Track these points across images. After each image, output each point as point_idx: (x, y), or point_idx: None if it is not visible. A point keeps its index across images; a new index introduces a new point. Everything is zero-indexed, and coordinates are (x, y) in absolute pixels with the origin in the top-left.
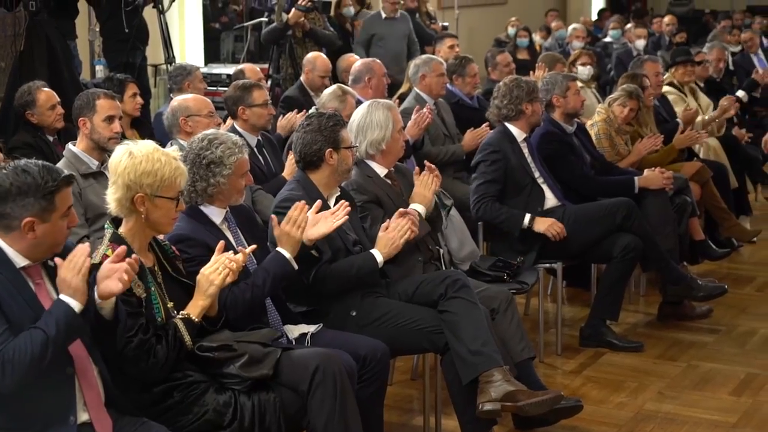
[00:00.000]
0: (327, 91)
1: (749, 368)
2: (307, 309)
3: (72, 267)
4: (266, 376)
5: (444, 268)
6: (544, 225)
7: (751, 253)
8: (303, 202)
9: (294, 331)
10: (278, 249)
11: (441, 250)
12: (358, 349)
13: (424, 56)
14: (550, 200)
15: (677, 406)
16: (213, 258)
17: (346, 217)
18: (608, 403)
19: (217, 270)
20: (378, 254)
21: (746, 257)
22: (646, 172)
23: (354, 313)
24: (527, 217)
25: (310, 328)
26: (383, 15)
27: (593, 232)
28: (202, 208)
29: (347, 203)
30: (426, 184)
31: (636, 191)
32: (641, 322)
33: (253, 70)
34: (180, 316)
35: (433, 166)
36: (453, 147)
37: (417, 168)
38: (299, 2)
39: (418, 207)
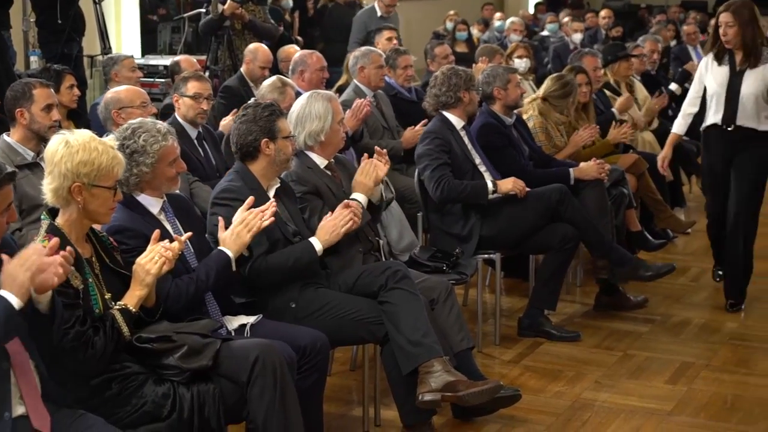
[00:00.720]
0: (266, 83)
1: (684, 357)
2: (247, 300)
3: (22, 263)
4: (206, 367)
5: (383, 259)
6: (508, 185)
7: (685, 243)
8: (251, 199)
9: (233, 322)
10: (222, 249)
11: (381, 241)
12: (297, 340)
13: (363, 48)
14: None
15: (614, 395)
16: (148, 247)
17: (272, 218)
18: (546, 392)
19: (153, 259)
20: (317, 243)
21: (681, 248)
22: (581, 164)
23: (293, 305)
24: (490, 183)
25: (250, 319)
26: (379, 13)
27: (529, 221)
28: (138, 198)
29: (275, 202)
30: (367, 173)
31: (572, 182)
32: (578, 312)
33: (189, 61)
34: (117, 307)
35: (383, 151)
36: (393, 142)
37: (365, 155)
38: None
39: (359, 197)
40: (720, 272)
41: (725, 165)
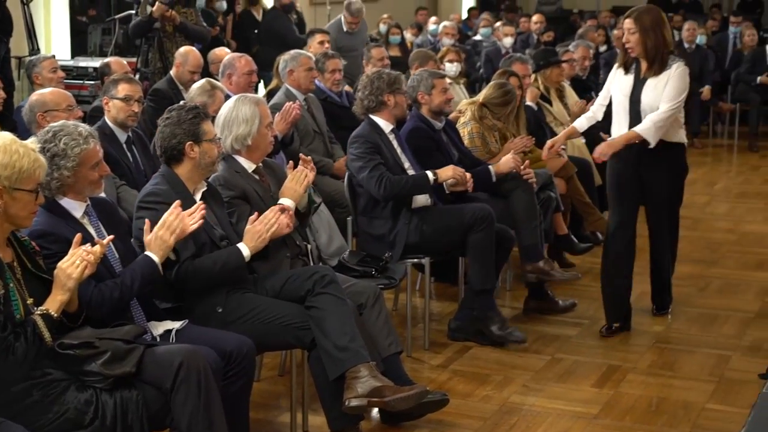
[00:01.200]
0: (195, 86)
1: (610, 360)
2: (173, 305)
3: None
4: (129, 373)
5: (312, 263)
6: (448, 172)
7: None
8: (178, 202)
9: (159, 327)
10: (147, 253)
11: (309, 246)
12: (223, 345)
13: (292, 51)
14: (420, 198)
15: (541, 399)
16: (70, 251)
17: (201, 221)
18: (474, 396)
19: (75, 263)
20: (245, 248)
21: None
22: (501, 158)
23: (220, 309)
24: (430, 173)
25: (175, 325)
26: (345, 28)
27: (452, 229)
28: (61, 201)
29: (203, 205)
30: (298, 179)
31: (494, 179)
32: (508, 316)
33: (119, 63)
34: (38, 312)
35: (309, 158)
36: (324, 161)
37: (291, 162)
38: None
39: (287, 201)
40: (615, 325)
41: (634, 175)
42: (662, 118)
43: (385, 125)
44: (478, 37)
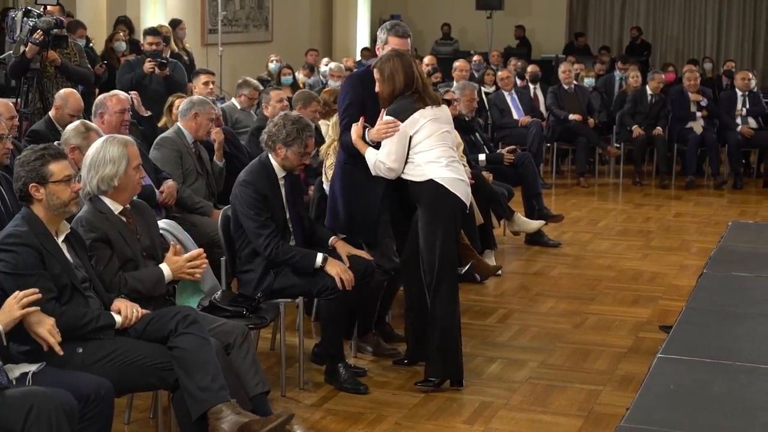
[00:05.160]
0: (70, 127)
1: (483, 397)
2: (30, 347)
3: None
4: None
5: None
6: (335, 269)
7: (495, 285)
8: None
9: (15, 370)
10: None
11: (176, 287)
12: (80, 388)
13: (199, 96)
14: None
15: None
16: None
17: (29, 309)
18: None
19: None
20: (116, 316)
21: (491, 290)
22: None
23: (80, 350)
24: (319, 256)
25: (32, 367)
26: (238, 106)
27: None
28: None
29: (34, 292)
30: (192, 268)
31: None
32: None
33: (5, 105)
34: None
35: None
36: (204, 203)
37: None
38: (34, 36)
39: (166, 270)
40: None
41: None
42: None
43: (279, 171)
44: None
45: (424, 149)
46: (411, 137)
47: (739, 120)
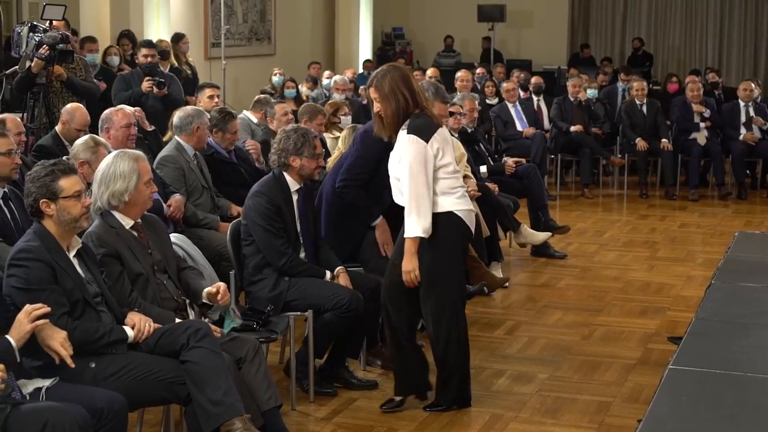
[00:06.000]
0: (79, 142)
1: (494, 409)
2: (43, 362)
3: None
4: None
5: (192, 317)
6: (346, 280)
7: (503, 297)
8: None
9: (29, 385)
10: (6, 336)
11: (187, 300)
12: (94, 402)
13: (195, 108)
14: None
15: None
16: None
17: (39, 322)
18: None
19: None
20: (128, 331)
21: (498, 302)
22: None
23: (93, 365)
24: (328, 274)
25: (46, 382)
26: (254, 120)
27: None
28: None
29: (42, 306)
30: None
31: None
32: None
33: (14, 120)
34: None
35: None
36: (209, 218)
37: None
38: (40, 51)
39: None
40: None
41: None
42: (411, 206)
43: (292, 184)
44: None
45: (443, 176)
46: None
47: (742, 129)
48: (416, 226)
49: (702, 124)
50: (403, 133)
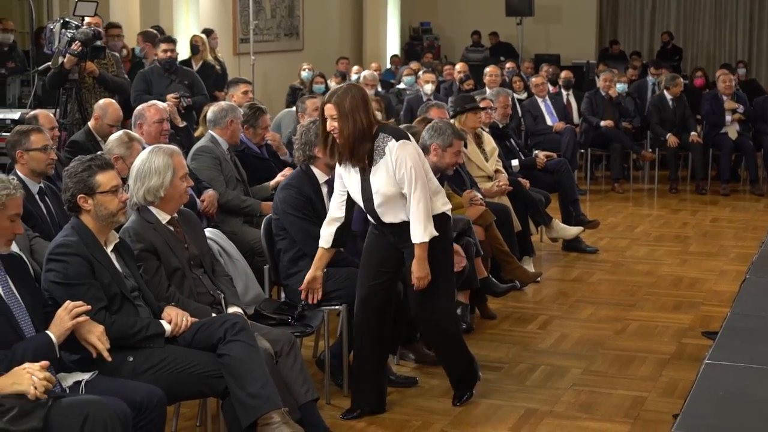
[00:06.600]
0: (113, 137)
1: (528, 404)
2: (82, 356)
3: None
4: (36, 429)
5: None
6: None
7: (534, 292)
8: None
9: (68, 379)
10: (47, 332)
11: (221, 295)
12: (133, 396)
13: (228, 103)
14: None
15: None
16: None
17: (79, 319)
18: None
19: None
20: (165, 325)
21: (530, 296)
22: None
23: (131, 359)
24: None
25: (85, 376)
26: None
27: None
28: None
29: (81, 304)
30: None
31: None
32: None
33: (46, 116)
34: None
35: None
36: (251, 201)
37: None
38: (72, 47)
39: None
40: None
41: (390, 255)
42: (420, 212)
43: (320, 176)
44: (401, 86)
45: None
46: None
47: None
48: (427, 231)
49: (729, 118)
50: (391, 143)
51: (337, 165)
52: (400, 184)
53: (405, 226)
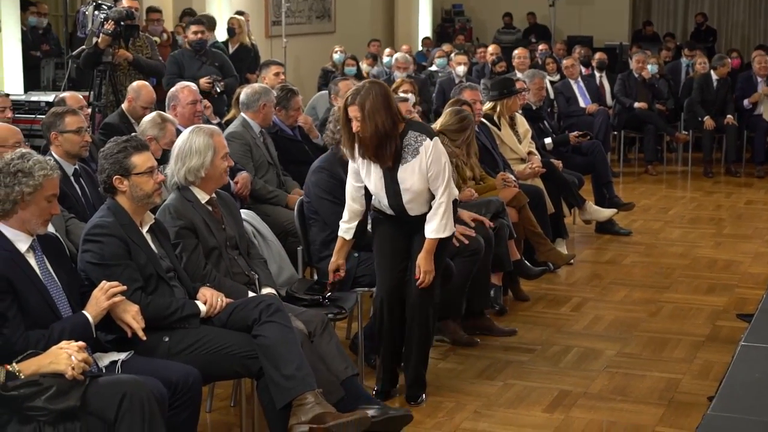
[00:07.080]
0: (146, 119)
1: (562, 385)
2: (118, 336)
3: None
4: (73, 408)
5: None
6: None
7: (568, 274)
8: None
9: (104, 358)
10: (84, 311)
11: (255, 276)
12: (169, 376)
13: (261, 85)
14: None
15: (492, 425)
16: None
17: (115, 299)
18: (425, 423)
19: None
20: (200, 305)
21: (563, 278)
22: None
23: (167, 339)
24: None
25: (121, 356)
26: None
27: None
28: (4, 231)
29: (117, 284)
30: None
31: None
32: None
33: (74, 97)
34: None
35: None
36: (277, 192)
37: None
38: (105, 26)
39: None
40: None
41: (403, 242)
42: (444, 209)
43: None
44: (433, 68)
45: None
46: None
47: None
48: (447, 228)
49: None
50: (426, 142)
51: (351, 161)
52: (431, 180)
53: (424, 216)
